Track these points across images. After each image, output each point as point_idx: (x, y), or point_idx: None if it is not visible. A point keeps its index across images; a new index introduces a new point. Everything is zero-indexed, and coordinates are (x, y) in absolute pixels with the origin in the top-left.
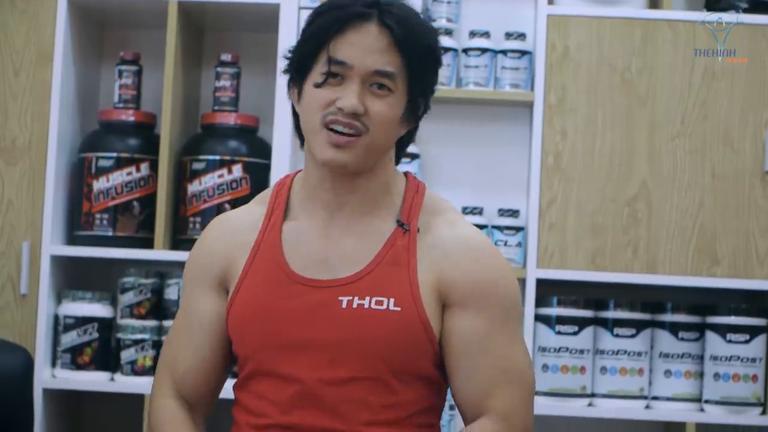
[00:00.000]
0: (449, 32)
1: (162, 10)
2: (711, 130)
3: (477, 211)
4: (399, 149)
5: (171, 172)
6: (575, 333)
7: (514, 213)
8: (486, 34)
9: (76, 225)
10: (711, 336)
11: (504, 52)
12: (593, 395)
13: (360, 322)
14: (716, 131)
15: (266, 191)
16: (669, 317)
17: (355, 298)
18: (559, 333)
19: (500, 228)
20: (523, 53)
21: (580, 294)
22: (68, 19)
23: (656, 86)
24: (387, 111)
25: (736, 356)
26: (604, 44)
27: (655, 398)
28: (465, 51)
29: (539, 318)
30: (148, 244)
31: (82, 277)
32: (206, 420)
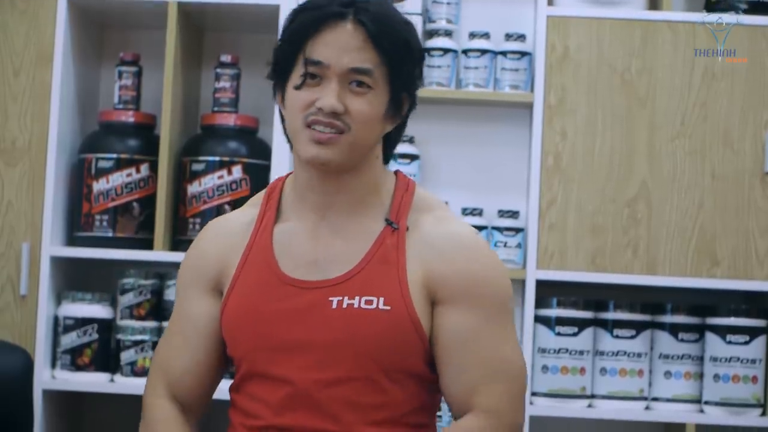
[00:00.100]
0: (449, 33)
1: (162, 11)
2: (711, 131)
3: (477, 212)
4: (388, 147)
5: (171, 173)
6: (575, 334)
7: (514, 214)
8: (486, 36)
9: (76, 226)
10: (711, 337)
11: (504, 53)
12: (593, 396)
13: (350, 322)
14: (716, 132)
15: (259, 194)
16: (669, 318)
17: (345, 298)
18: (559, 334)
19: (500, 229)
20: (523, 54)
21: (580, 295)
22: (68, 20)
23: (656, 87)
24: (367, 108)
25: (736, 357)
26: (604, 45)
27: (655, 399)
28: (465, 52)
29: (539, 319)
30: (148, 245)
31: (82, 278)
32: (200, 422)
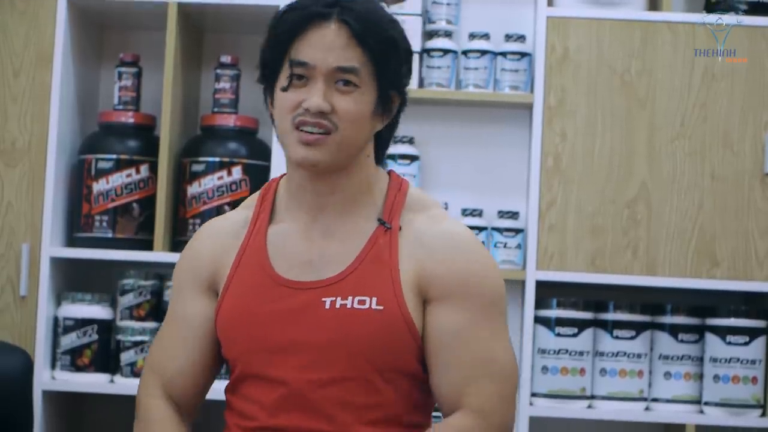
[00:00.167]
0: (449, 34)
1: (162, 12)
2: (710, 132)
3: (476, 213)
4: (380, 147)
5: (170, 174)
6: (575, 335)
7: (514, 215)
8: (486, 36)
9: (76, 227)
10: (710, 338)
11: (504, 54)
12: (593, 397)
13: (343, 323)
14: (716, 133)
15: (253, 195)
16: (669, 319)
17: (338, 299)
18: (559, 335)
19: (500, 230)
20: (523, 55)
21: (580, 296)
22: (68, 21)
23: (656, 88)
24: (354, 107)
25: (736, 358)
26: (604, 46)
27: (655, 400)
28: (465, 53)
29: (539, 320)
30: (148, 246)
31: (82, 279)
32: (195, 422)
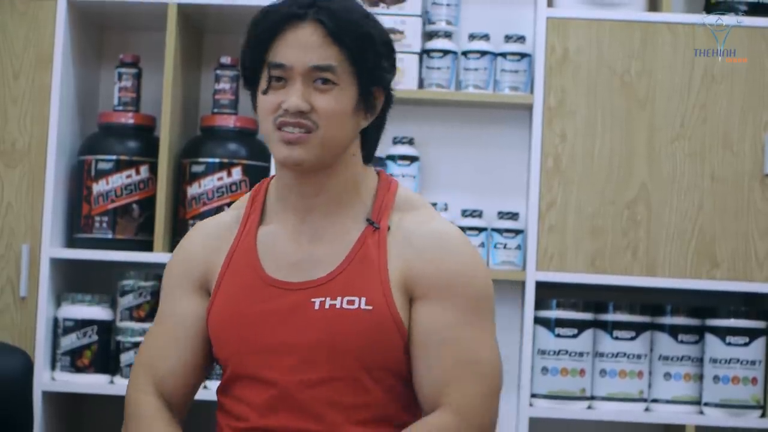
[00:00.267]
0: (449, 35)
1: (161, 13)
2: (710, 133)
3: (476, 214)
4: (368, 146)
5: (170, 175)
6: (575, 336)
7: (514, 216)
8: (485, 37)
9: (76, 228)
10: (710, 338)
11: (503, 55)
12: (593, 398)
13: (332, 323)
14: (716, 134)
15: (244, 196)
16: (668, 320)
17: (327, 299)
18: (559, 336)
19: (500, 231)
20: (523, 56)
21: (580, 296)
22: (68, 22)
23: (656, 89)
24: (334, 104)
25: (736, 359)
26: (604, 47)
27: (655, 401)
28: (464, 54)
29: (539, 321)
30: (148, 247)
31: (82, 280)
32: (186, 423)
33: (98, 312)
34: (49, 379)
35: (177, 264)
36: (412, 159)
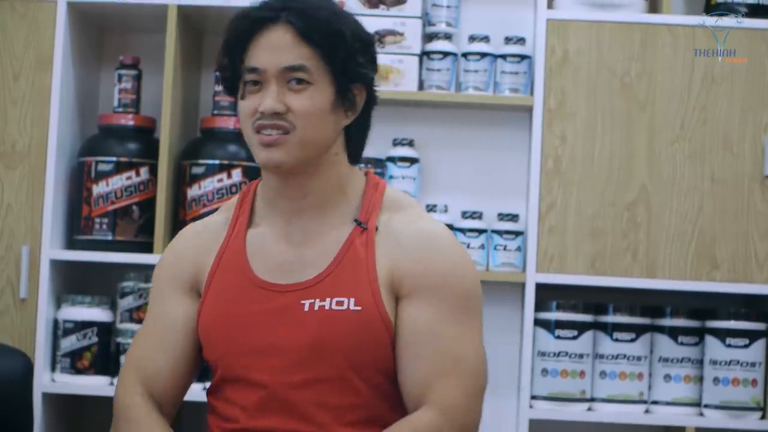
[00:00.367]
0: (449, 36)
1: (161, 14)
2: (710, 135)
3: (476, 216)
4: (353, 146)
5: (170, 177)
6: (575, 337)
7: (514, 217)
8: (485, 39)
9: (76, 229)
10: (710, 340)
11: (503, 57)
12: (593, 400)
13: (321, 325)
14: (716, 135)
15: (232, 199)
16: (668, 321)
17: (317, 301)
18: (559, 337)
19: (500, 232)
20: (523, 57)
21: (580, 298)
22: (68, 24)
23: (656, 90)
24: (309, 104)
25: (736, 360)
26: (604, 48)
27: (655, 402)
28: (464, 55)
29: (539, 322)
30: (148, 249)
31: (82, 282)
32: (173, 423)
33: (98, 314)
34: (49, 381)
35: (166, 266)
36: (412, 161)
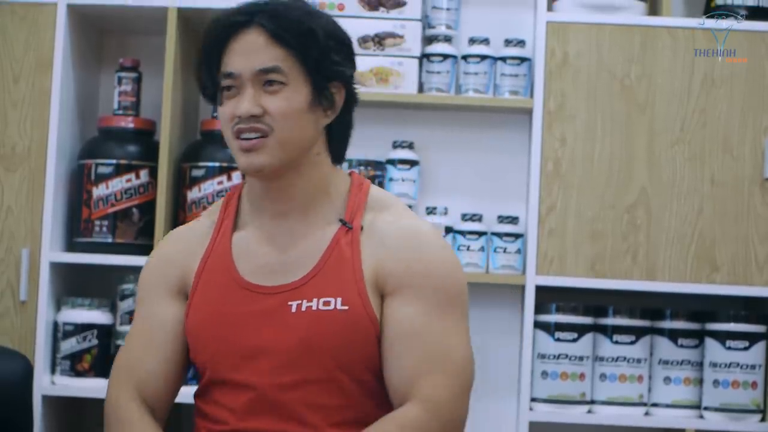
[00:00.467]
0: (448, 39)
1: (161, 17)
2: (710, 137)
3: (476, 218)
4: (336, 146)
5: (170, 179)
6: (574, 340)
7: (514, 220)
8: (485, 41)
9: (76, 232)
10: (710, 343)
11: (503, 59)
12: (593, 402)
13: (309, 325)
14: (715, 138)
15: (217, 203)
16: (668, 324)
17: (303, 302)
18: (559, 340)
19: (499, 235)
20: (523, 60)
21: (580, 301)
22: (68, 26)
23: (655, 93)
24: (285, 104)
25: (736, 363)
26: (604, 51)
27: (655, 405)
28: (464, 58)
29: (538, 325)
30: (148, 251)
31: (82, 284)
32: (165, 426)
33: (98, 316)
34: (49, 383)
35: (153, 269)
36: (412, 163)
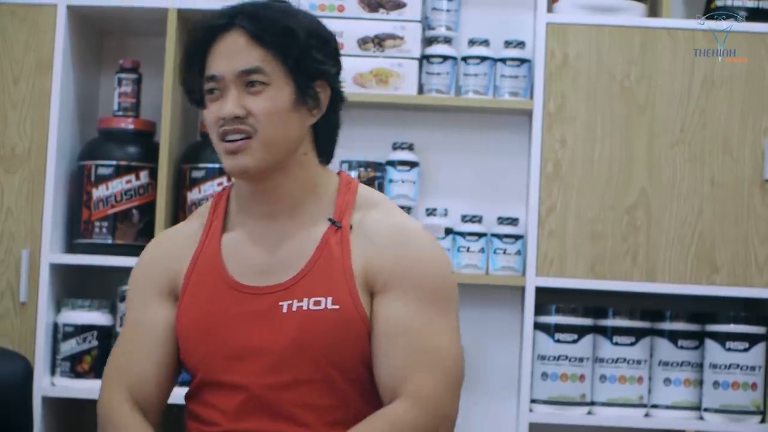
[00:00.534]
0: (448, 40)
1: (161, 18)
2: (710, 138)
3: (476, 219)
4: (323, 146)
5: (170, 180)
6: (574, 341)
7: (514, 221)
8: (485, 43)
9: (76, 233)
10: (710, 344)
11: (503, 61)
12: (593, 403)
13: (301, 325)
14: (715, 139)
15: (205, 204)
16: (668, 325)
17: (294, 302)
18: (559, 341)
19: (499, 236)
20: (523, 61)
21: (580, 302)
22: (68, 27)
23: (655, 94)
24: (269, 104)
25: (736, 364)
26: (604, 52)
27: (655, 406)
28: (464, 59)
29: (538, 326)
30: None
31: (82, 285)
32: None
33: (98, 317)
34: (49, 385)
35: (143, 271)
36: (412, 164)
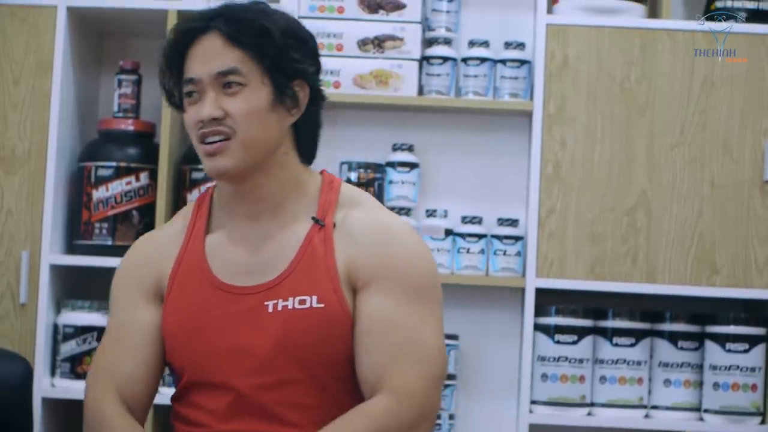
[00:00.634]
0: (448, 42)
1: (161, 19)
2: (710, 140)
3: (476, 221)
4: (304, 145)
5: (170, 182)
6: (574, 342)
7: (514, 222)
8: (485, 44)
9: (76, 234)
10: (710, 345)
11: (503, 62)
12: (592, 404)
13: (286, 324)
14: (715, 140)
15: (188, 206)
16: (668, 326)
17: (279, 301)
18: (558, 342)
19: (499, 237)
20: (523, 62)
21: (580, 303)
22: (68, 29)
23: (655, 95)
24: (246, 105)
25: (736, 365)
26: (604, 53)
27: (655, 407)
28: (464, 60)
29: (538, 327)
30: None
31: (82, 287)
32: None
33: (98, 318)
34: (49, 386)
35: (127, 273)
36: (412, 166)
